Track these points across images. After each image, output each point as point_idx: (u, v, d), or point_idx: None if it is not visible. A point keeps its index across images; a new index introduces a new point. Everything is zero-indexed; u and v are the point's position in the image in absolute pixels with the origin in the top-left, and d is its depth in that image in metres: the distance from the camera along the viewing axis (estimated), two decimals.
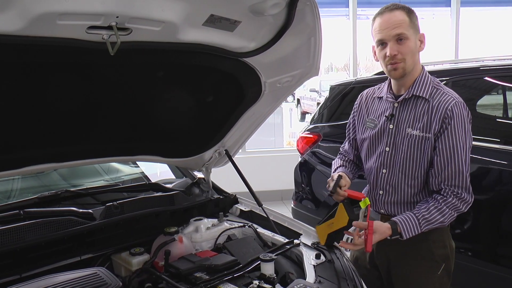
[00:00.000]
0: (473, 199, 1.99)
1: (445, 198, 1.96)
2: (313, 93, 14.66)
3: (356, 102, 2.31)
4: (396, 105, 2.07)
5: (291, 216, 4.31)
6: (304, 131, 4.38)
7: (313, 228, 2.21)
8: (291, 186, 4.50)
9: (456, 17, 7.20)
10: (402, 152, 2.04)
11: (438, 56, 7.86)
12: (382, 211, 2.15)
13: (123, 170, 3.07)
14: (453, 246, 2.16)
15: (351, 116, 2.33)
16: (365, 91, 2.28)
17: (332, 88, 4.30)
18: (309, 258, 1.96)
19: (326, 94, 4.49)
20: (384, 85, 2.17)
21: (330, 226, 2.01)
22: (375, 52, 2.09)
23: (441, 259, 2.10)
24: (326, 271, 1.89)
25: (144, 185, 2.50)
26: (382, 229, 1.93)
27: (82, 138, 2.06)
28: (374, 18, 2.01)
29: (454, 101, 1.96)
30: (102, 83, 1.82)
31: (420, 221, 1.94)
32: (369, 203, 1.94)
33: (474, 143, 2.06)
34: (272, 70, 2.08)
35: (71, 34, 1.43)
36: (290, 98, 16.18)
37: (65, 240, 1.91)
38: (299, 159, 4.38)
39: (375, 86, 2.25)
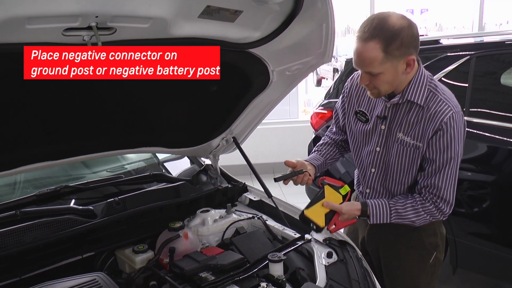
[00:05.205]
0: (451, 211, 1.90)
1: (423, 202, 1.89)
2: None
3: (346, 86, 2.13)
4: (388, 105, 1.92)
5: (305, 192, 4.25)
6: (318, 107, 4.23)
7: None
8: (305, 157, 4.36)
9: None
10: (393, 155, 1.95)
11: (462, 24, 7.57)
12: None
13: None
14: (444, 233, 2.12)
15: (340, 101, 2.16)
16: (355, 74, 2.06)
17: (348, 62, 4.12)
18: (320, 257, 1.87)
19: (342, 59, 4.30)
20: None
21: (324, 207, 1.91)
22: None
23: (432, 247, 2.06)
24: (338, 272, 1.81)
25: (148, 176, 2.39)
26: (351, 211, 1.91)
27: (82, 133, 1.96)
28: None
29: (451, 112, 1.80)
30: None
31: (391, 213, 1.90)
32: (349, 189, 1.96)
33: (494, 122, 1.90)
34: (280, 59, 1.92)
35: (45, 38, 1.30)
36: None
37: (65, 241, 1.84)
38: (313, 135, 4.25)
39: None
